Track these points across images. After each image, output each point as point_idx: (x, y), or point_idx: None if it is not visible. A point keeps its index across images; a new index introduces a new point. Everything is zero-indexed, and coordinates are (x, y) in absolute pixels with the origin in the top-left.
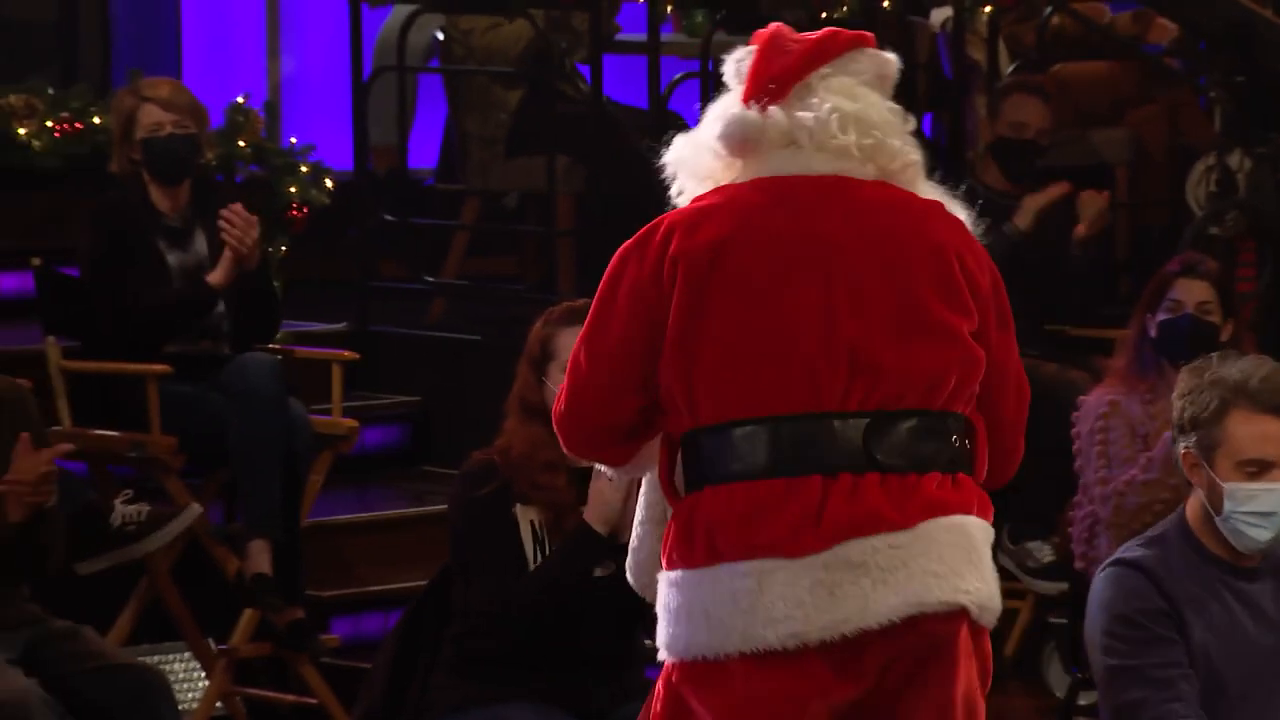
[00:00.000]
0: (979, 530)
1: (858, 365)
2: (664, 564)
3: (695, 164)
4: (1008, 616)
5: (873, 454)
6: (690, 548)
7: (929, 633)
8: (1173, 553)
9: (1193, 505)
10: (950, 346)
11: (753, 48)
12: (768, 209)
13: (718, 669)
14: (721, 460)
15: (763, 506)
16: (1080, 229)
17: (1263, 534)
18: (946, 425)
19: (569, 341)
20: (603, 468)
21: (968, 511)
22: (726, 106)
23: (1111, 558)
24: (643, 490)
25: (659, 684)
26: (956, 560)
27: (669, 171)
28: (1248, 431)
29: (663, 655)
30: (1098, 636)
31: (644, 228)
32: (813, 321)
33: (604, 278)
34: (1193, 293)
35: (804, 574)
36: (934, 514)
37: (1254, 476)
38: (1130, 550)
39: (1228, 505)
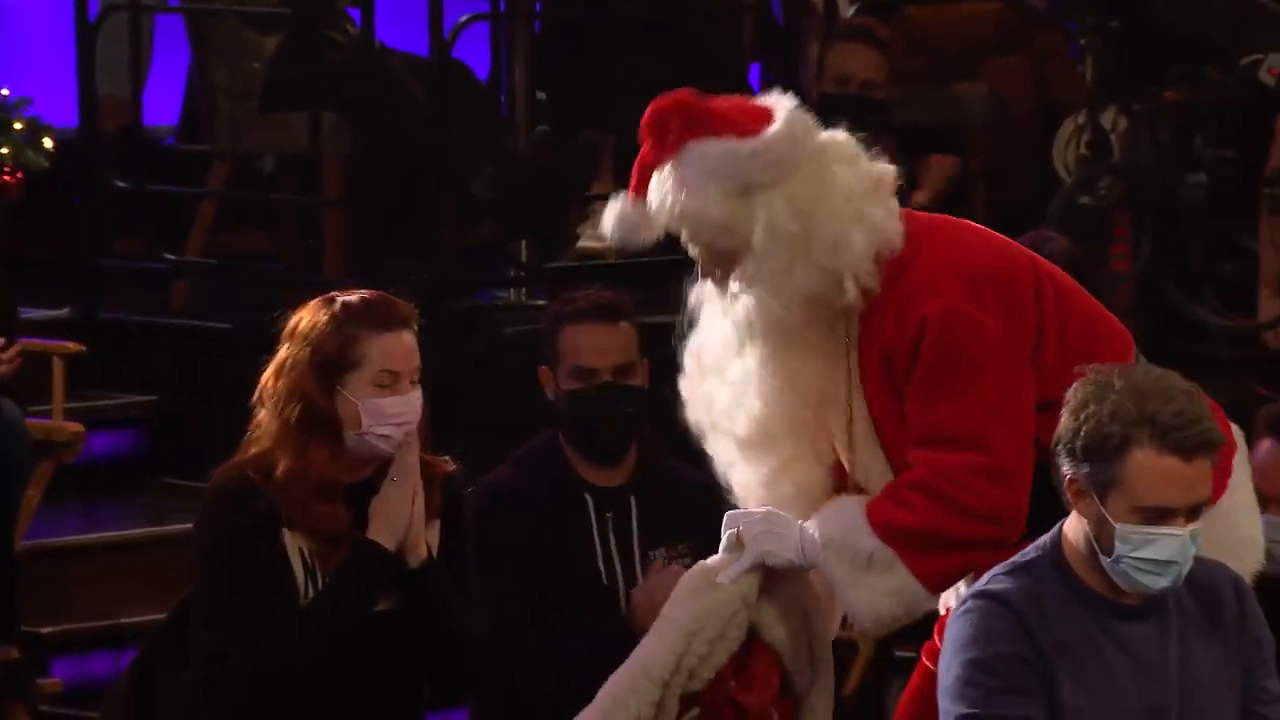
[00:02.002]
0: None
1: None
2: None
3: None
4: (847, 649)
5: None
6: None
7: None
8: (1044, 585)
9: (1072, 531)
10: None
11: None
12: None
13: None
14: None
15: None
16: (918, 195)
17: (1157, 582)
18: None
19: (383, 351)
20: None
21: None
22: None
23: (974, 587)
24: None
25: None
26: None
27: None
28: (1152, 474)
29: None
30: (949, 680)
31: (951, 281)
32: None
33: (960, 346)
34: None
35: None
36: None
37: (1152, 521)
38: (996, 580)
39: (1120, 548)
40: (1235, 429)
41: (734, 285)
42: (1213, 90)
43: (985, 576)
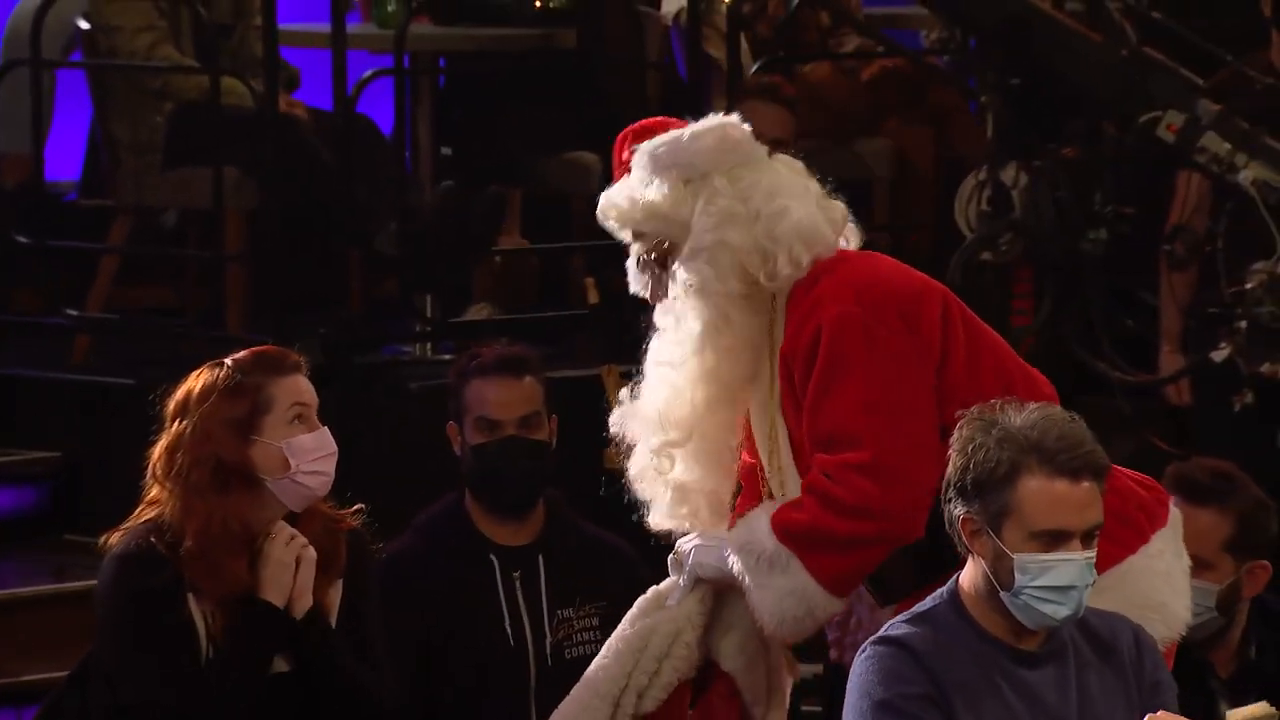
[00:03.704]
0: None
1: None
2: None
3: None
4: None
5: None
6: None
7: None
8: (944, 632)
9: (969, 577)
10: None
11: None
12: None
13: None
14: None
15: None
16: None
17: (1059, 610)
18: None
19: (288, 390)
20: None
21: None
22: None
23: (874, 636)
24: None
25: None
26: None
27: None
28: (1043, 498)
29: None
30: None
31: (849, 292)
32: None
33: (846, 347)
34: None
35: None
36: None
37: (1048, 547)
38: (895, 627)
39: (1019, 579)
40: (1174, 511)
41: (674, 268)
42: (1111, 146)
43: (885, 625)
